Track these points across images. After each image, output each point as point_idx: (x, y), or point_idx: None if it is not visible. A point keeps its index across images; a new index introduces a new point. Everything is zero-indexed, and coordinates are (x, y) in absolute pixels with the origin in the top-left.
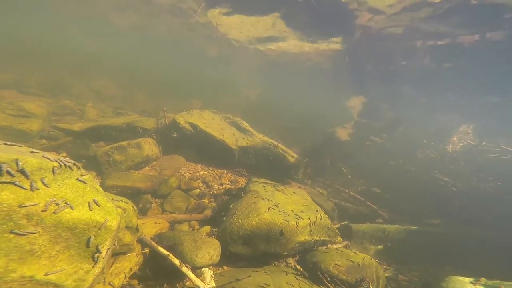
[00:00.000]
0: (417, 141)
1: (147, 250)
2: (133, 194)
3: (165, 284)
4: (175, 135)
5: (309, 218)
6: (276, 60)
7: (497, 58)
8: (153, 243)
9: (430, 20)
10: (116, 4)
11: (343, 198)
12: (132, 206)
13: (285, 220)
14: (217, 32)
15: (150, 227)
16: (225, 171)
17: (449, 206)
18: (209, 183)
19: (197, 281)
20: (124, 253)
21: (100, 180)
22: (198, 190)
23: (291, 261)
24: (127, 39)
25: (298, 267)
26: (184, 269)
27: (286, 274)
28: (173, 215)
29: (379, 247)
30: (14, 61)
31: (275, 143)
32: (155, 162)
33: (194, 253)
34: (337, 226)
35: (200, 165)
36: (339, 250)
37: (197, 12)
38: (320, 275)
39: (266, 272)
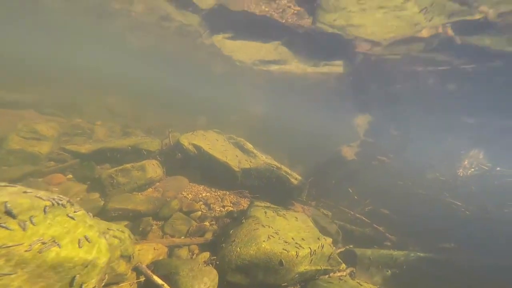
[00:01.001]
0: (426, 163)
1: (142, 279)
2: (134, 217)
3: None
4: (178, 156)
5: (309, 247)
6: (281, 78)
7: (499, 81)
8: (148, 271)
9: (425, 53)
10: (129, 25)
11: (348, 219)
12: (129, 235)
13: (285, 250)
14: (221, 53)
15: (148, 253)
16: (228, 193)
17: (462, 231)
18: (211, 205)
19: None
20: (117, 283)
21: (102, 203)
22: (199, 213)
23: None
24: (139, 59)
25: None
26: None
27: None
28: (173, 239)
29: (387, 273)
30: (33, 81)
31: (278, 165)
32: (158, 183)
33: (190, 283)
34: (341, 250)
35: (203, 186)
36: (342, 279)
37: (202, 36)
38: None
39: None
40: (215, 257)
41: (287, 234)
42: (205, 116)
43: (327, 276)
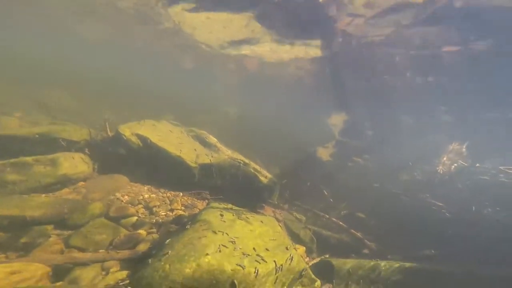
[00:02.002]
0: (403, 163)
1: None
2: (13, 226)
3: None
4: (121, 151)
5: (274, 261)
6: (255, 75)
7: (479, 72)
8: None
9: (412, 27)
10: (77, 10)
11: (324, 224)
12: None
13: (239, 266)
14: (184, 35)
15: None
16: (181, 194)
17: (444, 235)
18: (154, 208)
19: None
20: None
21: None
22: (135, 218)
23: None
24: (95, 51)
25: None
26: None
27: None
28: (72, 254)
29: None
30: None
31: (246, 161)
32: (82, 183)
33: None
34: (316, 261)
35: (148, 186)
36: None
37: (155, 7)
38: None
39: None
40: (128, 281)
41: (247, 244)
42: (172, 115)
43: None
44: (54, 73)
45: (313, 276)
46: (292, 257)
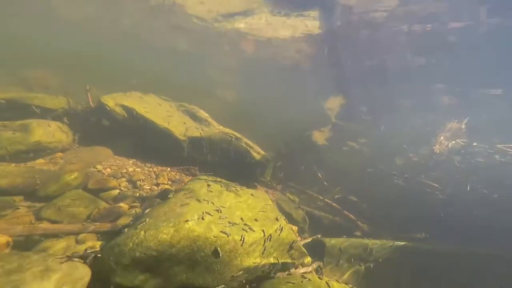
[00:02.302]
0: (399, 146)
1: None
2: None
3: None
4: (102, 121)
5: (263, 230)
6: (251, 58)
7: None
8: None
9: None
10: None
11: (317, 206)
12: None
13: (223, 233)
14: (175, 9)
15: None
16: (169, 169)
17: (437, 217)
18: (138, 182)
19: None
20: None
21: None
22: (116, 191)
23: None
24: (83, 33)
25: None
26: None
27: None
28: (39, 225)
29: (360, 268)
30: None
31: (238, 135)
32: (60, 154)
33: None
34: (308, 241)
35: (133, 160)
36: (305, 277)
37: None
38: None
39: None
40: (97, 248)
41: (234, 213)
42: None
43: (286, 273)
44: (40, 53)
45: (303, 249)
46: (282, 228)
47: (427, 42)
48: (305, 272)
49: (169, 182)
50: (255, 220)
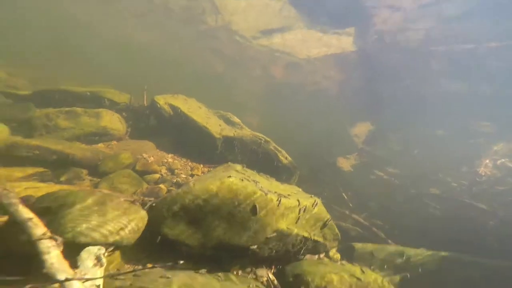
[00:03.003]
0: (434, 172)
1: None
2: (59, 163)
3: None
4: (152, 121)
5: (298, 200)
6: (280, 82)
7: None
8: (12, 199)
9: (457, 20)
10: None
11: (342, 219)
12: None
13: (261, 191)
14: (221, 30)
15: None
16: (202, 165)
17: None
18: (176, 170)
19: (54, 264)
20: None
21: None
22: (157, 176)
23: (263, 273)
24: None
25: (272, 278)
26: (43, 243)
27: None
28: (101, 190)
29: (394, 278)
30: None
31: (267, 139)
32: (114, 142)
33: (86, 219)
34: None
35: (172, 154)
36: (337, 261)
37: None
38: None
39: (219, 277)
40: (151, 199)
41: (268, 187)
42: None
43: (316, 256)
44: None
45: (337, 231)
46: (316, 203)
47: (464, 65)
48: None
49: (202, 174)
50: (289, 194)
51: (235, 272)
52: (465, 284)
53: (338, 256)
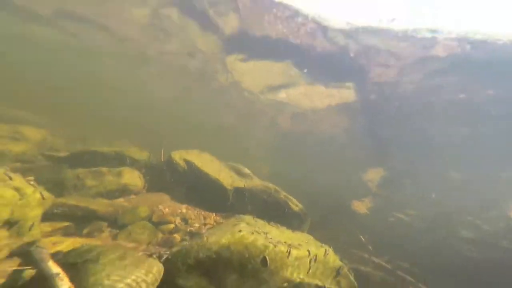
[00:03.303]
0: (457, 215)
1: (23, 268)
2: (83, 218)
3: None
4: (168, 176)
5: (308, 250)
6: (287, 131)
7: None
8: (44, 255)
9: (442, 74)
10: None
11: (362, 263)
12: (40, 194)
13: (272, 244)
14: (232, 87)
15: (67, 246)
16: (214, 215)
17: None
18: (190, 220)
19: None
20: None
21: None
22: (172, 226)
23: None
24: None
25: None
26: None
27: None
28: (118, 242)
29: None
30: None
31: (278, 188)
32: (133, 196)
33: (108, 272)
34: None
35: (185, 205)
36: None
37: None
38: None
39: None
40: (167, 252)
41: (279, 238)
42: None
43: None
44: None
45: (352, 278)
46: (327, 252)
47: (467, 111)
48: None
49: (215, 223)
50: (299, 244)
51: None
52: None
53: None
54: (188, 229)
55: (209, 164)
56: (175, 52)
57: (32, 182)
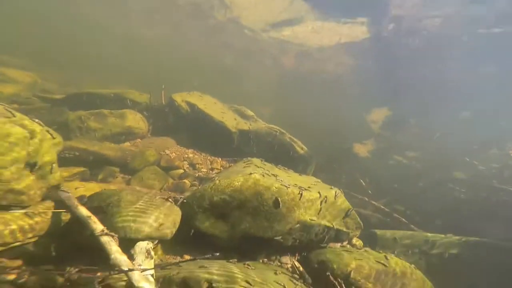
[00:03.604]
0: (458, 155)
1: (59, 211)
2: (95, 163)
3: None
4: (169, 118)
5: (319, 192)
6: (292, 71)
7: None
8: (73, 199)
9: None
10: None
11: (362, 206)
12: (51, 134)
13: (283, 185)
14: (230, 23)
15: (89, 191)
16: (220, 159)
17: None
18: (197, 165)
19: (117, 257)
20: (10, 207)
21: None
22: (181, 171)
23: (287, 260)
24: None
25: (297, 264)
26: (104, 238)
27: (276, 274)
28: (135, 187)
29: (419, 261)
30: None
31: (282, 130)
32: (139, 140)
33: (133, 217)
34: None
35: (192, 149)
36: (360, 248)
37: None
38: (330, 280)
39: (248, 265)
40: (182, 196)
41: (288, 180)
42: None
43: (339, 244)
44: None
45: (358, 220)
46: (337, 194)
47: (493, 47)
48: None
49: (221, 168)
50: (309, 187)
51: (261, 261)
52: (495, 270)
53: (360, 243)
54: (197, 174)
55: (212, 107)
56: None
57: (37, 120)
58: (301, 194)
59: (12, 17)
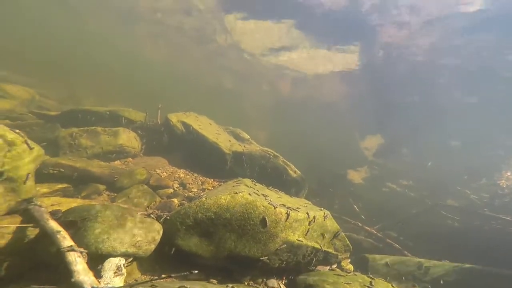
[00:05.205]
0: (450, 184)
1: (24, 225)
2: (80, 180)
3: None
4: (164, 138)
5: (307, 212)
6: (287, 96)
7: None
8: (43, 213)
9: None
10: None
11: (355, 231)
12: (26, 143)
13: (271, 205)
14: (231, 48)
15: (68, 207)
16: (212, 180)
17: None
18: (188, 185)
19: (79, 275)
20: None
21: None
22: (170, 190)
23: (274, 283)
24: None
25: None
26: (70, 255)
27: None
28: (118, 204)
29: None
30: None
31: (276, 153)
32: (130, 159)
33: (107, 232)
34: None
35: (183, 170)
36: (350, 272)
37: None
38: None
39: (230, 287)
40: (167, 214)
41: (277, 201)
42: None
43: (328, 268)
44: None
45: (347, 242)
46: (326, 216)
47: (477, 77)
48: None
49: (212, 188)
50: (298, 208)
51: (246, 283)
52: None
53: (351, 267)
54: (186, 194)
55: (208, 128)
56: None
57: (17, 131)
58: (288, 214)
59: (18, 31)
